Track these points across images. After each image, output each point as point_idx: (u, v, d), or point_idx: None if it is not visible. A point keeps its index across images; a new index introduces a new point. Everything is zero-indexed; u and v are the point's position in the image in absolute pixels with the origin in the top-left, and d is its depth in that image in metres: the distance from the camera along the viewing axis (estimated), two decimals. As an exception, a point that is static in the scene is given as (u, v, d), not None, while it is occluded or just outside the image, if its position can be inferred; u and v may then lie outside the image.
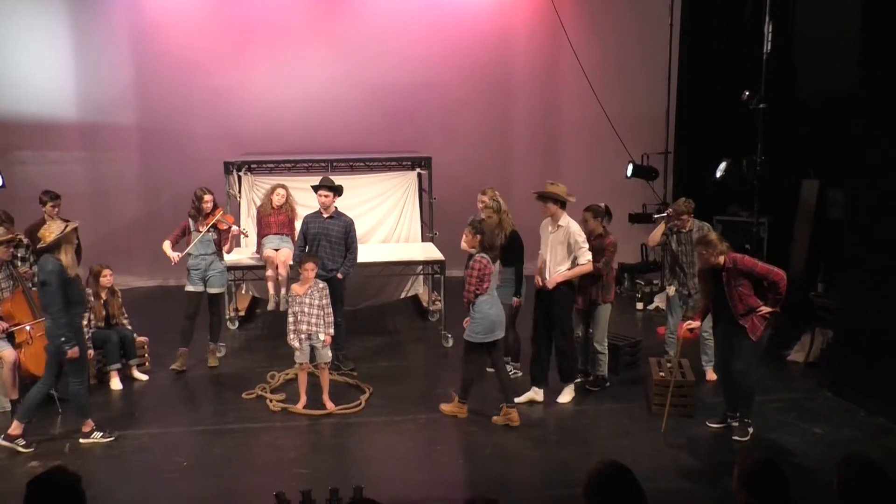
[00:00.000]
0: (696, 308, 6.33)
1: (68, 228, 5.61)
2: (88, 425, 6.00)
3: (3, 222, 6.92)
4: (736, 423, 6.04)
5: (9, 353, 6.37)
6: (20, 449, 5.79)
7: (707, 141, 10.06)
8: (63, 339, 5.65)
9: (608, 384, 6.96)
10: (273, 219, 8.14)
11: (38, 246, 5.67)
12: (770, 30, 8.49)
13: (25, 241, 6.99)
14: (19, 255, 6.84)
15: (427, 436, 6.17)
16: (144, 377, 7.29)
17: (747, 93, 8.61)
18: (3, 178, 9.33)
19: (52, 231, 5.56)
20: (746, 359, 5.80)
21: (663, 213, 7.69)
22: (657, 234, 7.28)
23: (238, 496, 5.20)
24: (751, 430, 5.93)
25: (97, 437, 5.98)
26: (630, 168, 10.65)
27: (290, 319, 6.50)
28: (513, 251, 6.92)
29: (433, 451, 5.96)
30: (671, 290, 7.24)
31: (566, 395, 6.75)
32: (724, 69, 10.01)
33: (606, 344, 6.96)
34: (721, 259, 5.71)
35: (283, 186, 8.29)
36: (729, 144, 9.59)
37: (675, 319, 7.23)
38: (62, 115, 10.36)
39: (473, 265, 6.15)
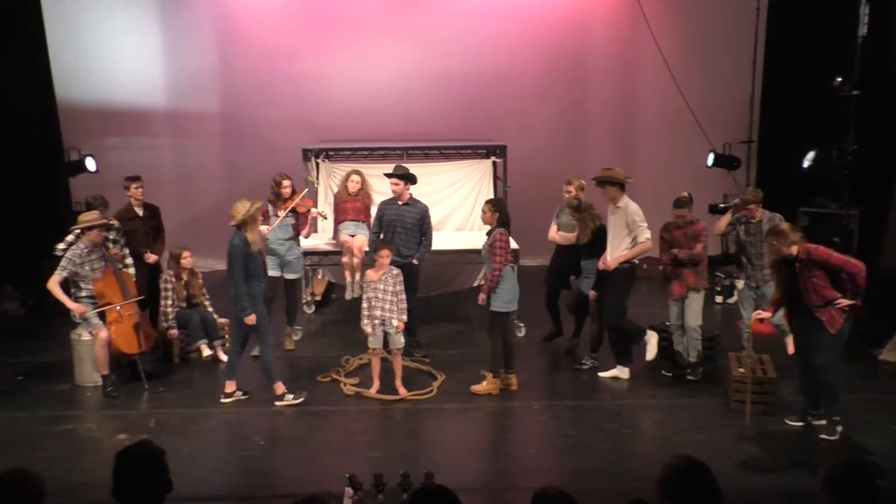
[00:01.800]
0: (770, 300, 6.10)
1: (252, 208, 6.21)
2: (279, 388, 6.37)
3: (100, 205, 7.23)
4: (817, 422, 5.85)
5: (101, 330, 6.66)
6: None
7: (793, 129, 9.64)
8: (240, 307, 6.21)
9: (700, 370, 6.79)
10: (349, 205, 8.20)
11: (231, 223, 6.26)
12: (867, 12, 8.08)
13: (117, 224, 7.28)
14: (111, 237, 7.13)
15: (498, 424, 6.18)
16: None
17: (839, 79, 8.24)
18: (96, 163, 9.77)
19: (239, 211, 6.20)
20: (827, 353, 5.59)
21: (730, 202, 7.48)
22: (722, 223, 7.07)
23: (312, 476, 5.31)
24: (839, 428, 5.70)
25: (289, 399, 6.34)
26: (711, 157, 10.35)
27: (364, 305, 6.59)
28: (598, 245, 6.87)
29: (504, 440, 5.97)
30: (740, 283, 7.06)
31: (612, 372, 6.79)
32: (813, 54, 9.56)
33: (699, 325, 6.79)
34: (794, 249, 5.51)
35: (358, 172, 8.33)
36: (817, 133, 9.18)
37: (748, 313, 6.96)
38: (151, 102, 10.72)
39: (500, 238, 6.38)
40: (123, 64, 10.46)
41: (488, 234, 6.59)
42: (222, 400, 6.45)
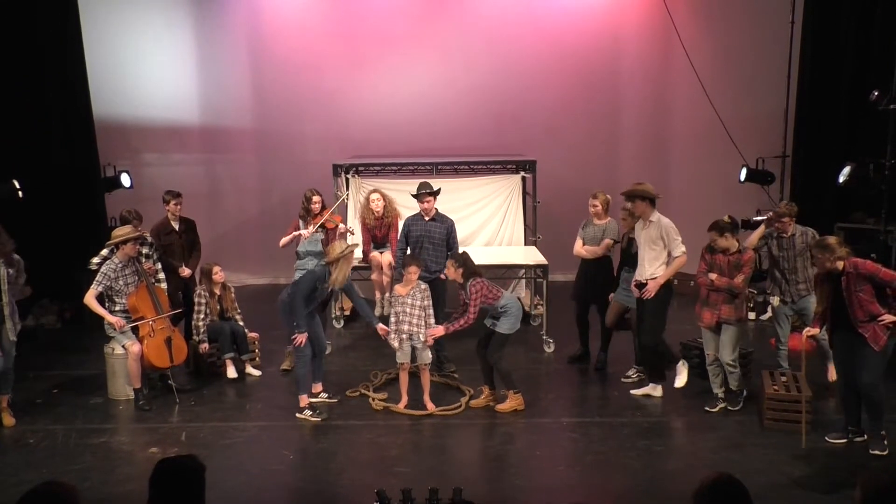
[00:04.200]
0: (814, 315, 5.98)
1: (346, 250, 6.46)
2: (303, 401, 6.46)
3: (134, 219, 7.35)
4: (859, 438, 5.74)
5: (133, 344, 6.72)
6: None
7: (829, 143, 9.50)
8: (296, 324, 6.38)
9: (745, 393, 6.51)
10: (378, 232, 8.13)
11: (325, 260, 6.58)
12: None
13: (150, 238, 7.38)
14: (144, 251, 7.22)
15: (527, 440, 6.13)
16: (258, 373, 7.56)
17: (876, 92, 8.10)
18: (131, 179, 9.94)
19: (336, 249, 6.47)
20: (873, 371, 5.46)
21: (763, 216, 7.33)
22: (754, 237, 6.92)
23: (340, 491, 5.31)
24: (887, 442, 5.58)
25: (307, 414, 6.39)
26: (743, 172, 10.22)
27: (392, 319, 6.60)
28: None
29: (533, 456, 5.90)
30: (775, 300, 6.87)
31: (644, 389, 6.69)
32: (849, 67, 9.42)
33: (736, 358, 6.41)
34: (840, 264, 5.40)
35: (377, 190, 8.22)
36: (853, 147, 9.03)
37: (784, 331, 6.89)
38: (185, 119, 10.93)
39: (472, 290, 6.35)
40: (158, 81, 10.68)
41: (461, 287, 6.53)
42: (297, 415, 6.46)
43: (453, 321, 6.53)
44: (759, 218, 7.62)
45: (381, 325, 6.59)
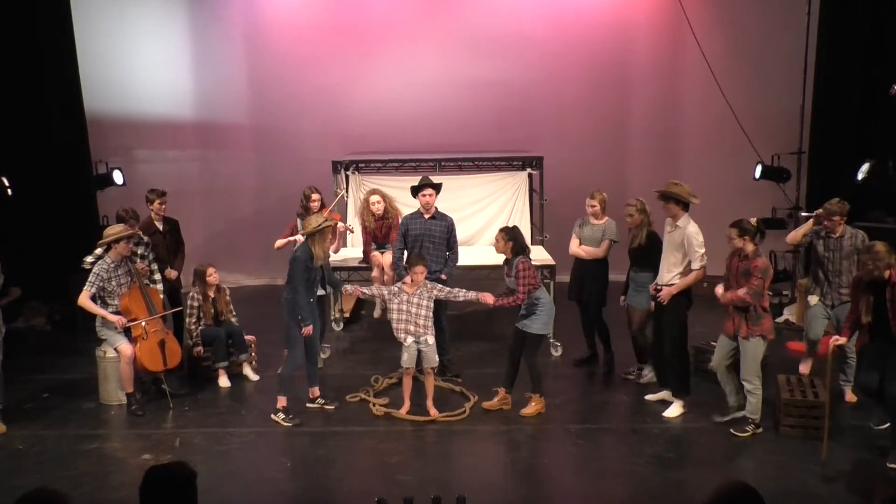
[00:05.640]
0: (844, 322, 5.73)
1: (323, 223, 6.26)
2: (281, 402, 6.36)
3: (130, 218, 7.16)
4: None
5: (126, 347, 6.54)
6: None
7: (847, 139, 9.30)
8: (301, 317, 6.23)
9: (759, 429, 5.95)
10: (379, 234, 7.91)
11: (302, 233, 6.43)
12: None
13: (146, 238, 7.20)
14: (139, 251, 7.04)
15: (533, 447, 5.98)
16: (255, 377, 7.39)
17: (895, 87, 7.91)
18: (123, 176, 9.76)
19: (311, 223, 6.29)
20: None
21: (812, 212, 7.01)
22: (799, 232, 6.69)
23: (339, 499, 5.21)
24: None
25: (280, 417, 6.31)
26: (758, 169, 10.00)
27: (387, 291, 6.51)
28: (650, 253, 6.59)
29: (539, 464, 5.77)
30: (813, 299, 6.57)
31: (674, 410, 6.37)
32: (867, 61, 9.20)
33: (759, 383, 5.92)
34: (888, 273, 5.17)
35: (376, 191, 7.97)
36: (872, 143, 8.84)
37: (815, 332, 6.59)
38: (180, 115, 10.75)
39: (520, 266, 6.23)
40: (152, 76, 10.55)
41: (506, 263, 6.41)
42: (272, 416, 6.35)
43: (502, 297, 6.40)
44: (807, 213, 7.36)
45: (346, 287, 6.61)
